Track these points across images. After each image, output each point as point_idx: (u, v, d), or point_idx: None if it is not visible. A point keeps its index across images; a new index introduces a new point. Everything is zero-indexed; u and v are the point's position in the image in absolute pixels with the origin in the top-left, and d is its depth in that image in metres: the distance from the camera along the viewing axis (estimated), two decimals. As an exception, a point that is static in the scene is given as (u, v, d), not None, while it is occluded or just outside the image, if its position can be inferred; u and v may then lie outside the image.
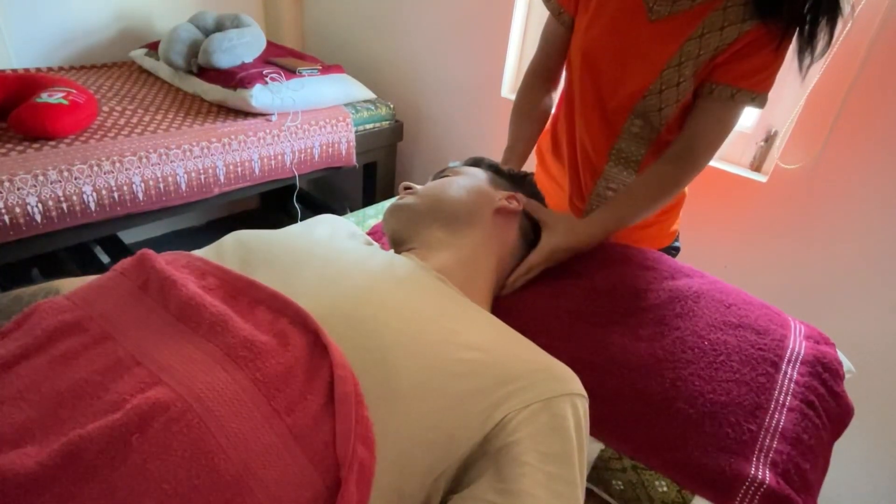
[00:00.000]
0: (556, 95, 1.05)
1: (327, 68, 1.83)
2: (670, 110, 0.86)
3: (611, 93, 0.89)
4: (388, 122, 2.00)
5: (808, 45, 0.74)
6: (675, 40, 0.81)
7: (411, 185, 0.84)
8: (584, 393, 0.57)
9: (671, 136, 0.89)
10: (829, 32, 0.73)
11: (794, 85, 0.81)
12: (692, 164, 0.87)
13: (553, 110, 1.06)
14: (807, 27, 0.73)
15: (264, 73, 1.64)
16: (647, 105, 0.86)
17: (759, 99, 0.80)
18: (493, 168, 0.89)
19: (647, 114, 0.88)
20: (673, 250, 1.09)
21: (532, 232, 0.85)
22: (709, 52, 0.79)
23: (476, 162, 0.91)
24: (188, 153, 1.46)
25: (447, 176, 0.86)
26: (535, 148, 1.10)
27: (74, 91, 1.37)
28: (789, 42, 0.76)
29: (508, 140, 1.02)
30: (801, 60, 0.76)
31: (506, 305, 0.78)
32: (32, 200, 1.22)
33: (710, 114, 0.83)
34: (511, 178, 0.88)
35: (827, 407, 0.70)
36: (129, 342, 0.47)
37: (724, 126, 0.84)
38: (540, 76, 1.02)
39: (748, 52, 0.78)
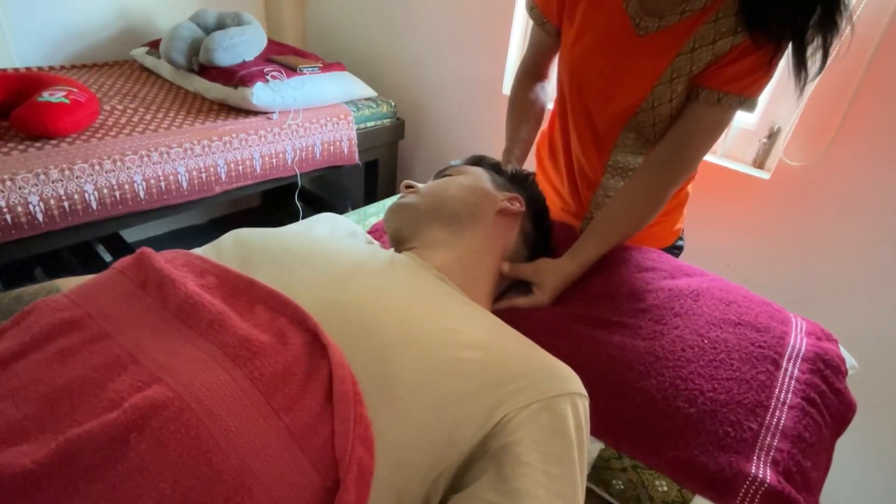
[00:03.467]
0: (550, 88, 1.05)
1: (328, 66, 1.83)
2: (664, 125, 0.84)
3: (601, 110, 0.87)
4: (389, 120, 2.00)
5: (801, 65, 0.71)
6: (665, 56, 0.78)
7: (413, 183, 0.84)
8: (585, 392, 0.57)
9: None
10: (824, 52, 0.70)
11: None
12: (677, 170, 0.84)
13: (550, 105, 1.05)
14: (798, 45, 0.70)
15: (265, 71, 1.64)
16: (640, 121, 0.84)
17: (748, 103, 0.78)
18: (494, 168, 0.88)
19: (640, 129, 0.86)
20: (676, 249, 1.08)
21: (534, 233, 0.84)
22: (701, 66, 0.77)
23: (477, 161, 0.90)
24: (189, 152, 1.46)
25: (449, 175, 0.86)
26: (534, 151, 1.09)
27: (76, 90, 1.37)
28: (781, 56, 0.73)
29: (506, 142, 1.01)
30: (796, 79, 0.73)
31: (506, 304, 0.78)
32: (34, 199, 1.22)
33: (697, 118, 0.80)
34: (513, 178, 0.87)
35: (829, 404, 0.69)
36: (126, 340, 0.47)
37: (711, 131, 0.81)
38: (530, 74, 1.02)
39: (736, 58, 0.75)
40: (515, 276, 0.80)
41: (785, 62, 0.75)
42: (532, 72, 1.02)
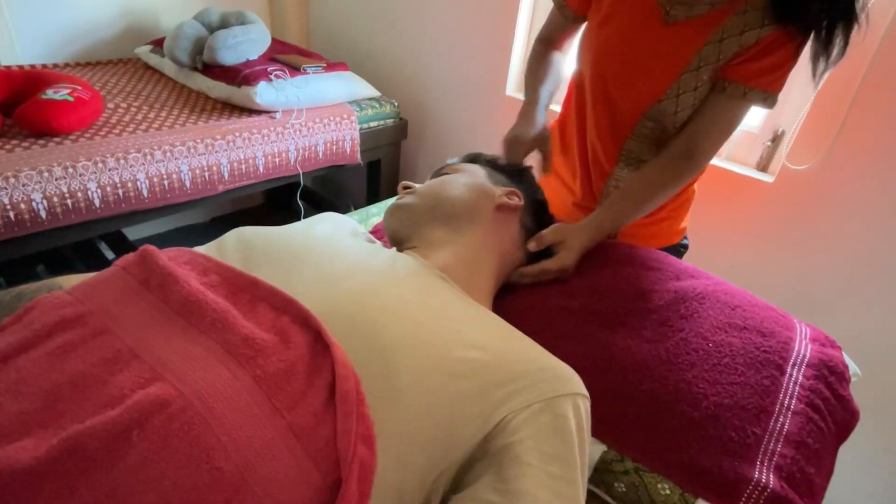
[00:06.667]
0: (566, 59, 1.05)
1: (332, 66, 1.83)
2: (686, 114, 0.85)
3: (623, 95, 0.88)
4: (392, 120, 2.00)
5: (823, 51, 0.73)
6: (693, 45, 0.80)
7: (410, 184, 0.84)
8: (586, 393, 0.56)
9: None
10: (844, 39, 0.72)
11: (802, 85, 0.80)
12: (695, 160, 0.86)
13: (564, 86, 1.05)
14: (823, 33, 0.72)
15: (269, 70, 1.64)
16: (663, 109, 0.85)
17: (770, 99, 0.80)
18: (491, 163, 0.88)
19: (661, 117, 0.87)
20: (682, 248, 1.09)
21: (534, 226, 0.84)
22: (727, 56, 0.79)
23: (474, 158, 0.91)
24: (192, 150, 1.46)
25: (446, 174, 0.86)
26: None
27: (79, 88, 1.37)
28: (804, 45, 0.75)
29: (527, 95, 0.97)
30: (815, 67, 0.75)
31: (509, 304, 0.78)
32: (37, 197, 1.22)
33: (719, 110, 0.83)
34: (510, 172, 0.87)
35: (832, 410, 0.69)
36: (128, 336, 0.47)
37: (730, 123, 0.84)
38: (548, 44, 1.02)
39: (764, 52, 0.77)
40: (541, 247, 0.82)
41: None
42: (550, 43, 1.02)
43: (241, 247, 0.66)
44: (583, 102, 0.94)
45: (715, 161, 1.35)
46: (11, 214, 1.20)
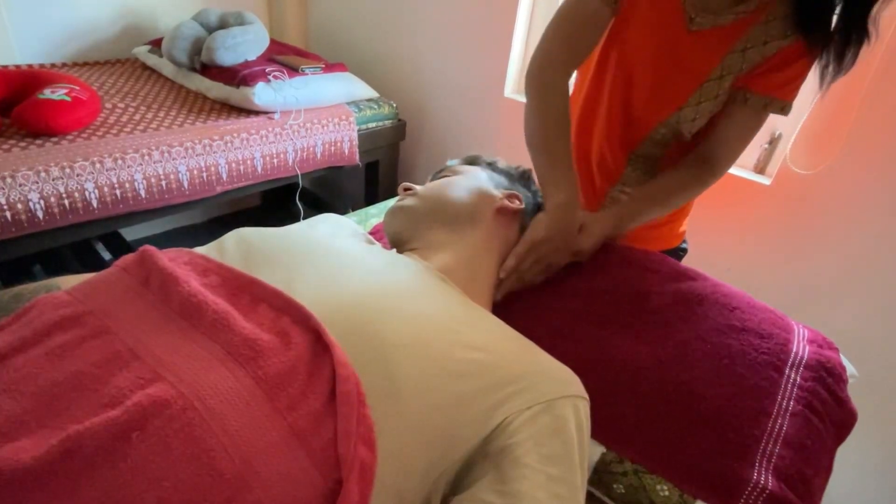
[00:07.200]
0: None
1: (330, 67, 1.83)
2: (703, 121, 0.85)
3: (644, 101, 0.88)
4: (390, 121, 2.00)
5: (836, 62, 0.74)
6: (717, 53, 0.80)
7: (411, 185, 0.84)
8: (586, 395, 0.57)
9: (693, 138, 0.89)
10: (856, 51, 0.73)
11: (801, 89, 0.81)
12: (715, 168, 0.87)
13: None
14: (836, 44, 0.73)
15: (267, 70, 1.64)
16: (682, 116, 0.86)
17: (787, 107, 0.81)
18: (490, 166, 0.88)
19: (678, 124, 0.87)
20: (681, 251, 1.09)
21: None
22: (750, 65, 0.79)
23: (473, 160, 0.91)
24: (190, 151, 1.46)
25: (446, 176, 0.86)
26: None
27: (77, 88, 1.37)
28: (819, 54, 0.76)
29: (555, 175, 0.81)
30: (823, 77, 0.76)
31: (509, 305, 0.78)
32: (34, 197, 1.22)
33: (740, 121, 0.84)
34: (510, 175, 0.87)
35: (830, 412, 0.69)
36: (128, 336, 0.47)
37: (751, 132, 0.85)
38: (571, 67, 0.87)
39: (784, 63, 0.78)
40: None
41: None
42: (573, 63, 0.87)
43: (242, 248, 0.66)
44: (593, 104, 0.93)
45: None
46: (8, 215, 1.19)
